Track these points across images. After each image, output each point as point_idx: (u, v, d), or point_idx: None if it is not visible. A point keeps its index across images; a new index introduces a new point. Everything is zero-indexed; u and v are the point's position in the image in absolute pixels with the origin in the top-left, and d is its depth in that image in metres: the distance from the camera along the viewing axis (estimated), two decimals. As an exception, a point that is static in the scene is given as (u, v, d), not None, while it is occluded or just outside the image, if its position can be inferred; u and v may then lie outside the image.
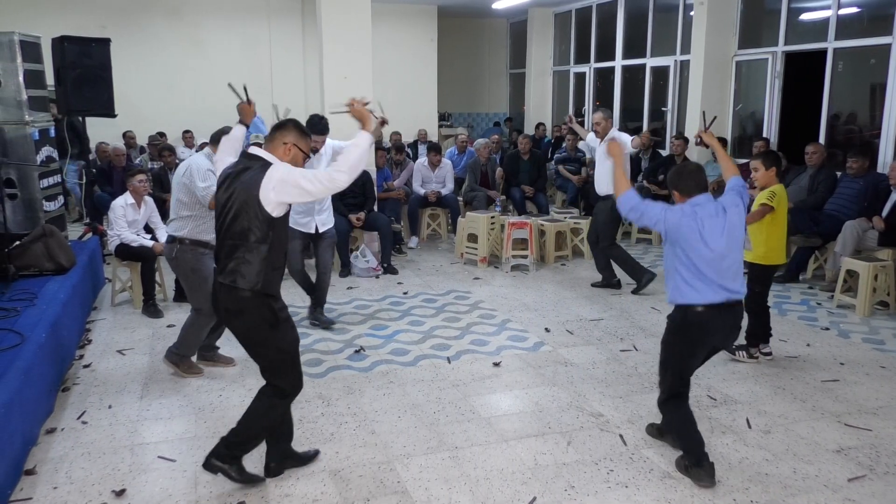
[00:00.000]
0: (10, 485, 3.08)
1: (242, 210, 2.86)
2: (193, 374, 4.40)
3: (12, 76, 5.72)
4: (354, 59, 7.17)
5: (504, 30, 15.49)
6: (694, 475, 3.20)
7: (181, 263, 4.27)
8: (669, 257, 3.24)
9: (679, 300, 3.20)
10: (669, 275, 3.25)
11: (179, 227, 4.22)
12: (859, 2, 7.94)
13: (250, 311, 2.94)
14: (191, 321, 4.33)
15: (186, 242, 4.20)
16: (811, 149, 6.89)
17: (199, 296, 4.24)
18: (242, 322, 2.98)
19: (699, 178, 3.25)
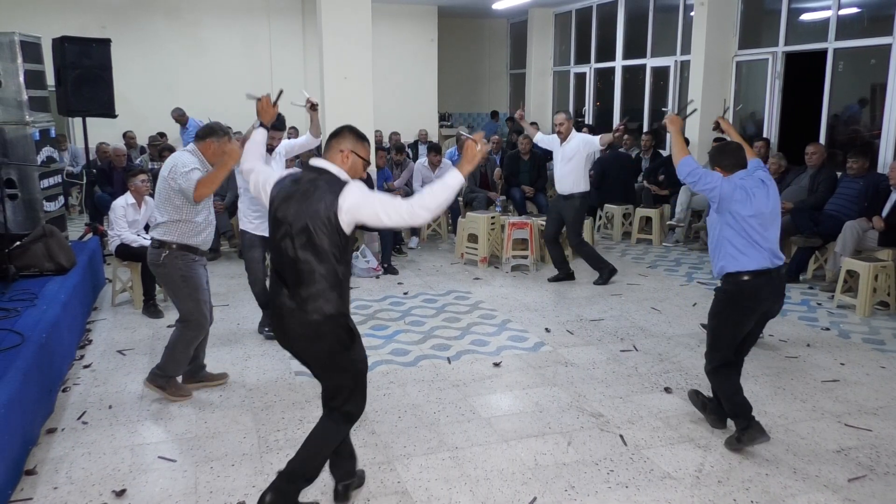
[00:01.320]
0: (11, 485, 3.08)
1: (319, 230, 2.61)
2: (182, 397, 4.04)
3: (13, 76, 5.73)
4: (354, 59, 7.18)
5: (504, 30, 15.50)
6: (748, 437, 3.41)
7: (170, 271, 3.89)
8: (718, 228, 3.41)
9: (731, 268, 3.36)
10: (719, 247, 3.41)
11: (167, 231, 3.87)
12: (859, 2, 7.94)
13: (328, 335, 2.71)
14: (178, 336, 3.97)
15: (174, 248, 3.86)
16: (811, 149, 6.89)
17: (188, 305, 3.93)
18: (320, 347, 2.73)
19: (740, 155, 3.49)
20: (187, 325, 3.97)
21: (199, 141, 3.91)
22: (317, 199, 2.63)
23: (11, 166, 5.67)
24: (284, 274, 2.71)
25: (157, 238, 3.91)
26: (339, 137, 2.80)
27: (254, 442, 3.59)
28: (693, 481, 3.22)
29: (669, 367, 4.60)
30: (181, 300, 3.95)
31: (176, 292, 3.96)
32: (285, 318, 2.73)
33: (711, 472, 3.30)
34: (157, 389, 4.01)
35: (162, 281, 4.06)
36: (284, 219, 2.69)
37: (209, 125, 4.01)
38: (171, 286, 3.97)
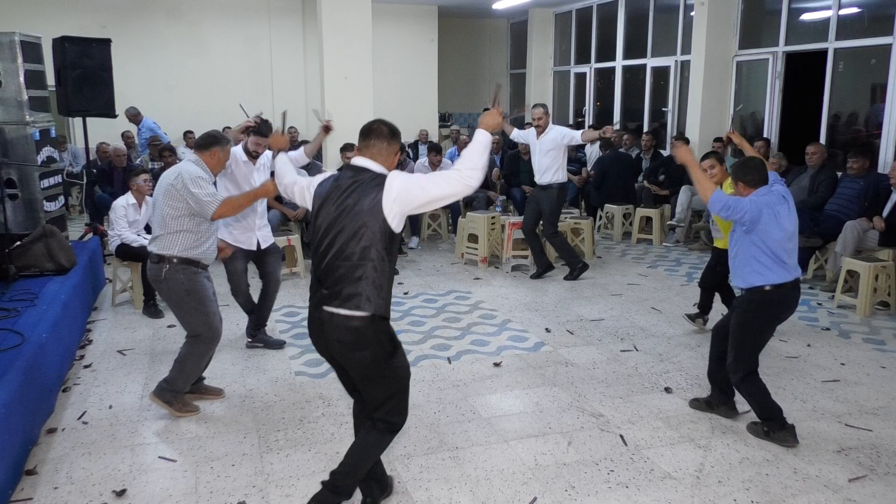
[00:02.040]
0: (11, 485, 3.08)
1: (362, 227, 2.57)
2: (189, 413, 3.87)
3: (13, 76, 5.73)
4: (354, 59, 7.19)
5: (504, 30, 15.49)
6: (779, 438, 3.55)
7: (173, 286, 3.69)
8: (744, 246, 3.53)
9: (759, 282, 3.51)
10: (744, 262, 3.54)
11: (168, 245, 3.65)
12: (859, 2, 7.94)
13: (370, 341, 2.63)
14: (188, 350, 3.80)
15: (175, 261, 3.65)
16: (812, 149, 6.89)
17: (196, 320, 3.75)
18: (363, 354, 2.64)
19: (763, 172, 3.58)
20: (197, 339, 3.79)
21: (202, 150, 3.73)
22: (361, 197, 2.59)
23: (11, 166, 5.67)
24: (325, 277, 2.64)
25: (155, 252, 3.68)
26: (375, 136, 2.73)
27: (254, 442, 3.59)
28: (693, 481, 3.22)
29: (669, 367, 4.60)
30: (188, 315, 3.75)
31: (181, 308, 3.73)
32: (325, 325, 2.65)
33: (711, 472, 3.30)
34: (164, 405, 3.82)
35: (165, 297, 3.78)
36: (327, 220, 2.65)
37: (212, 134, 3.82)
38: (175, 302, 3.73)
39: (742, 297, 3.64)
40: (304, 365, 4.64)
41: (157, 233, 3.70)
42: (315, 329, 2.72)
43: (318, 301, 2.67)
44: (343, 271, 2.60)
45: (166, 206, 3.63)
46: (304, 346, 4.96)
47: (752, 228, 3.46)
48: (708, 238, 7.93)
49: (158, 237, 3.68)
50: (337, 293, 2.61)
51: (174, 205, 3.61)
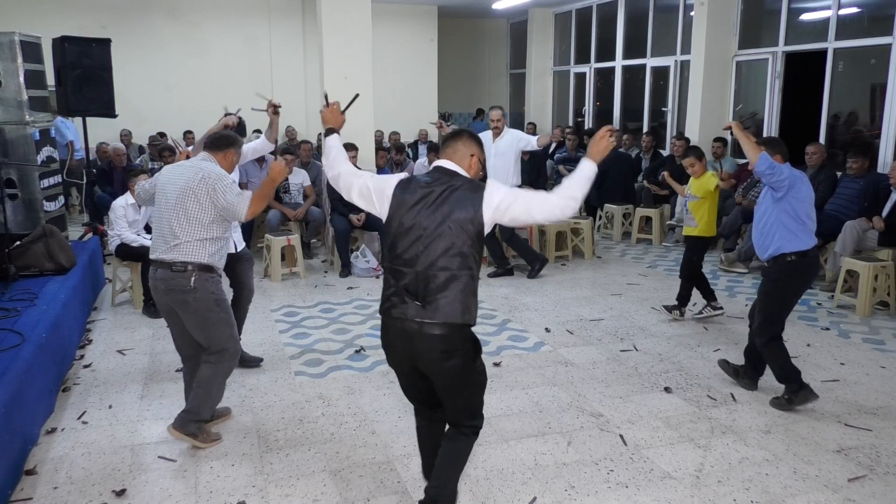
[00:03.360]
0: (11, 485, 3.08)
1: (462, 235, 2.49)
2: (214, 442, 3.54)
3: (13, 76, 5.73)
4: (354, 59, 7.18)
5: (504, 30, 15.50)
6: (801, 399, 3.87)
7: (202, 296, 3.32)
8: (774, 214, 3.85)
9: (790, 248, 3.82)
10: (773, 231, 3.85)
11: (195, 251, 3.31)
12: (859, 2, 7.94)
13: (460, 349, 2.56)
14: (213, 371, 3.43)
15: (204, 269, 3.34)
16: (811, 149, 6.89)
17: (224, 332, 3.42)
18: (454, 363, 2.56)
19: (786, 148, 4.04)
20: (223, 355, 3.44)
21: (217, 151, 3.47)
22: (457, 203, 2.51)
23: (11, 166, 5.67)
24: (418, 287, 2.52)
25: (180, 260, 3.31)
26: (465, 140, 2.69)
27: (254, 442, 3.59)
28: (693, 481, 3.22)
29: (669, 366, 4.60)
30: (215, 328, 3.39)
31: (209, 320, 3.37)
32: (415, 337, 2.53)
33: (711, 472, 3.30)
34: (188, 437, 3.45)
35: (189, 310, 3.35)
36: (418, 226, 2.52)
37: (228, 135, 3.56)
38: (202, 314, 3.36)
39: (771, 267, 3.92)
40: (304, 365, 4.64)
41: (177, 239, 3.30)
42: (400, 341, 2.59)
43: (405, 312, 2.54)
44: (440, 281, 2.50)
45: (192, 211, 3.29)
46: (303, 347, 4.96)
47: (787, 194, 3.80)
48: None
49: (181, 244, 3.30)
50: (433, 303, 2.50)
51: (201, 210, 3.30)
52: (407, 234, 2.54)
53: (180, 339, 3.57)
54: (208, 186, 3.28)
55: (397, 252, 2.56)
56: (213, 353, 3.43)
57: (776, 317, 3.91)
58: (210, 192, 3.28)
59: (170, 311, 3.45)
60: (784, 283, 3.89)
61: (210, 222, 3.33)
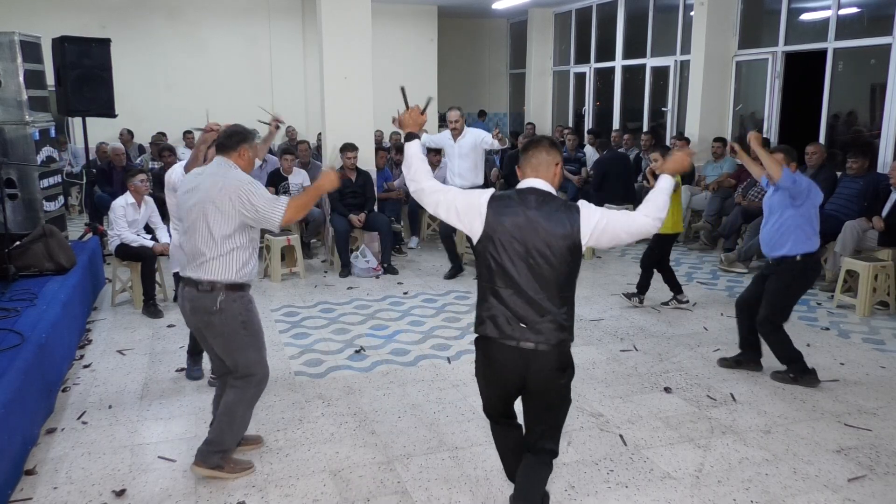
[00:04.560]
0: (11, 485, 3.08)
1: (566, 257, 2.48)
2: (245, 471, 3.28)
3: (13, 76, 5.73)
4: (354, 59, 7.18)
5: (504, 30, 15.49)
6: (805, 381, 4.23)
7: (227, 318, 3.08)
8: (790, 219, 4.13)
9: (803, 249, 4.15)
10: (789, 233, 4.13)
11: (221, 268, 3.05)
12: (859, 2, 7.94)
13: (567, 366, 2.61)
14: (238, 397, 3.19)
15: (231, 288, 3.08)
16: (811, 149, 6.88)
17: (251, 356, 3.18)
18: (563, 381, 2.60)
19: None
20: (249, 381, 3.20)
21: (228, 151, 3.14)
22: (555, 223, 2.47)
23: (11, 166, 5.67)
24: (526, 310, 2.50)
25: (206, 279, 3.06)
26: (548, 149, 2.60)
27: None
28: (693, 481, 3.22)
29: (669, 367, 4.60)
30: (240, 352, 3.15)
31: (233, 343, 3.14)
32: (530, 358, 2.52)
33: (711, 472, 3.30)
34: (212, 472, 3.20)
35: (214, 332, 3.13)
36: (521, 248, 2.47)
37: (236, 130, 3.22)
38: (226, 336, 3.13)
39: (780, 267, 4.22)
40: (304, 365, 4.64)
41: (203, 255, 3.06)
42: (511, 362, 2.55)
43: (511, 333, 2.51)
44: (548, 304, 2.49)
45: (214, 223, 3.02)
46: (303, 347, 4.96)
47: (805, 201, 4.09)
48: (707, 238, 7.94)
49: (207, 261, 3.05)
50: (542, 325, 2.50)
51: (224, 220, 3.02)
52: (506, 257, 2.50)
53: (213, 356, 3.36)
54: (230, 194, 2.99)
55: (499, 274, 2.52)
56: (239, 377, 3.20)
57: (784, 310, 4.25)
58: (234, 200, 2.98)
59: (197, 328, 3.23)
60: (795, 282, 4.23)
61: (234, 231, 3.04)
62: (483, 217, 2.52)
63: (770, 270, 4.32)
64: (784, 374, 4.32)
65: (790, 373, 4.27)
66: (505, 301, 2.52)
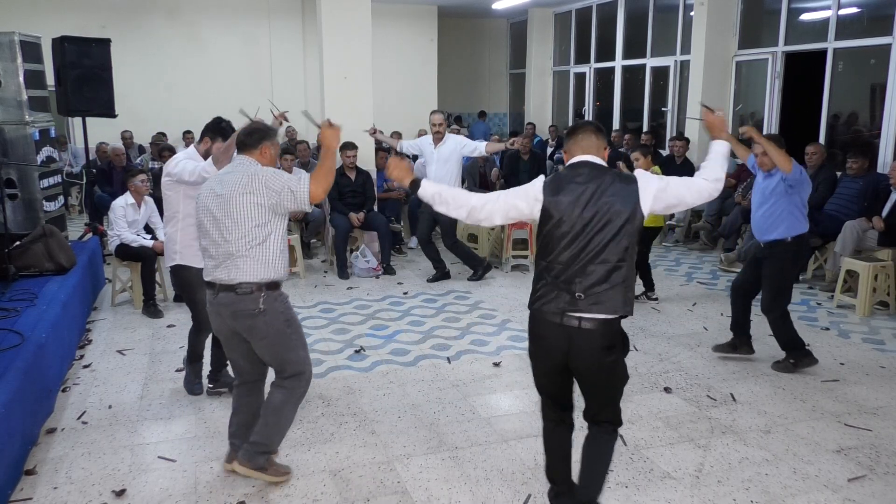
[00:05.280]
0: (11, 485, 3.08)
1: (624, 227, 2.50)
2: (284, 474, 3.22)
3: (12, 76, 5.73)
4: (354, 59, 7.18)
5: (504, 30, 15.49)
6: (805, 364, 4.44)
7: (272, 318, 2.97)
8: (783, 204, 4.29)
9: (797, 231, 4.32)
10: (783, 218, 4.29)
11: (259, 267, 2.94)
12: (859, 2, 7.94)
13: (618, 342, 2.60)
14: (286, 397, 3.09)
15: (271, 287, 2.99)
16: (811, 149, 6.88)
17: (298, 354, 3.09)
18: (613, 357, 2.60)
19: None
20: (298, 379, 3.10)
21: (250, 149, 3.04)
22: (615, 196, 2.51)
23: (11, 166, 5.67)
24: (576, 282, 2.51)
25: (245, 281, 2.93)
26: (597, 133, 2.66)
27: (254, 442, 3.59)
28: (693, 481, 3.23)
29: (669, 367, 4.60)
30: (288, 351, 3.06)
31: (280, 343, 3.03)
32: (575, 333, 2.54)
33: (711, 472, 3.30)
34: (257, 473, 3.14)
35: (259, 334, 2.99)
36: (578, 222, 2.51)
37: (257, 128, 3.14)
38: (271, 338, 3.01)
39: (773, 251, 4.36)
40: (304, 365, 4.64)
41: (233, 255, 2.93)
42: (555, 336, 2.59)
43: (563, 308, 2.54)
44: (601, 274, 2.50)
45: (244, 215, 2.91)
46: (303, 346, 4.96)
47: (801, 188, 4.27)
48: (707, 238, 7.94)
49: (240, 261, 2.93)
50: (593, 297, 2.51)
51: (257, 214, 2.92)
52: (565, 231, 2.53)
53: (245, 362, 3.18)
54: (259, 183, 2.91)
55: (554, 249, 2.56)
56: (288, 377, 3.08)
57: (784, 293, 4.42)
58: (261, 190, 2.90)
59: (232, 335, 3.08)
60: (789, 263, 4.39)
61: (266, 223, 2.93)
62: (541, 202, 2.58)
63: (763, 254, 4.45)
64: (784, 362, 4.47)
65: (790, 359, 4.44)
66: (561, 276, 2.54)
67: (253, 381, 3.24)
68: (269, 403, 3.13)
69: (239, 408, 3.25)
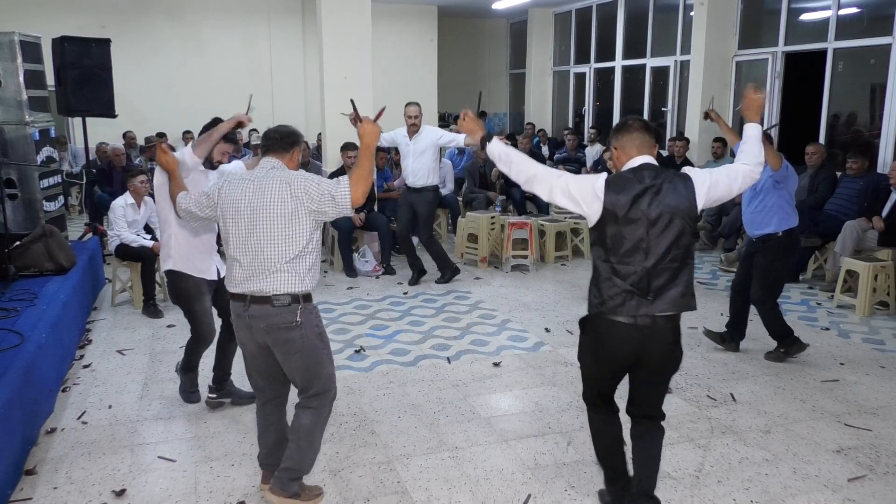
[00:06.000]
0: (11, 485, 3.08)
1: (685, 226, 2.56)
2: (318, 497, 3.06)
3: (12, 76, 5.73)
4: (354, 59, 7.18)
5: (504, 30, 15.50)
6: (794, 350, 4.60)
7: (308, 332, 2.81)
8: (772, 199, 4.42)
9: (787, 225, 4.45)
10: (773, 212, 4.43)
11: (296, 278, 2.78)
12: (859, 2, 7.94)
13: (680, 335, 2.69)
14: (314, 419, 2.93)
15: (307, 299, 2.84)
16: (811, 149, 6.89)
17: (329, 370, 2.93)
18: (679, 350, 2.69)
19: None
20: (325, 398, 2.93)
21: (283, 153, 2.88)
22: (675, 195, 2.56)
23: (11, 166, 5.67)
24: (642, 281, 2.56)
25: (282, 292, 2.76)
26: (649, 130, 2.70)
27: (254, 442, 3.57)
28: (693, 481, 3.23)
29: (669, 366, 4.59)
30: (320, 366, 2.88)
31: (312, 358, 2.85)
32: (647, 332, 2.59)
33: (711, 472, 3.30)
34: (291, 500, 2.96)
35: (293, 349, 2.81)
36: (640, 222, 2.54)
37: (292, 131, 2.96)
38: (306, 353, 2.83)
39: (764, 245, 4.50)
40: (304, 365, 4.64)
41: (267, 264, 2.75)
42: (629, 339, 2.62)
43: (636, 309, 2.57)
44: (670, 273, 2.56)
45: (280, 224, 2.74)
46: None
47: (787, 182, 4.42)
48: (707, 238, 7.94)
49: (275, 270, 2.75)
50: (665, 296, 2.57)
51: (295, 222, 2.75)
52: (630, 232, 2.56)
53: (266, 378, 2.99)
54: (297, 190, 2.73)
55: (620, 251, 2.58)
56: (315, 395, 2.91)
57: (775, 286, 4.58)
58: (303, 193, 2.73)
59: (260, 349, 2.89)
60: (780, 256, 4.52)
61: (305, 231, 2.76)
62: (601, 199, 2.57)
63: (755, 248, 4.59)
64: (776, 351, 4.64)
65: (780, 348, 4.62)
66: (630, 278, 2.57)
67: (275, 397, 3.06)
68: (298, 427, 2.93)
69: (266, 428, 3.08)
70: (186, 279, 3.67)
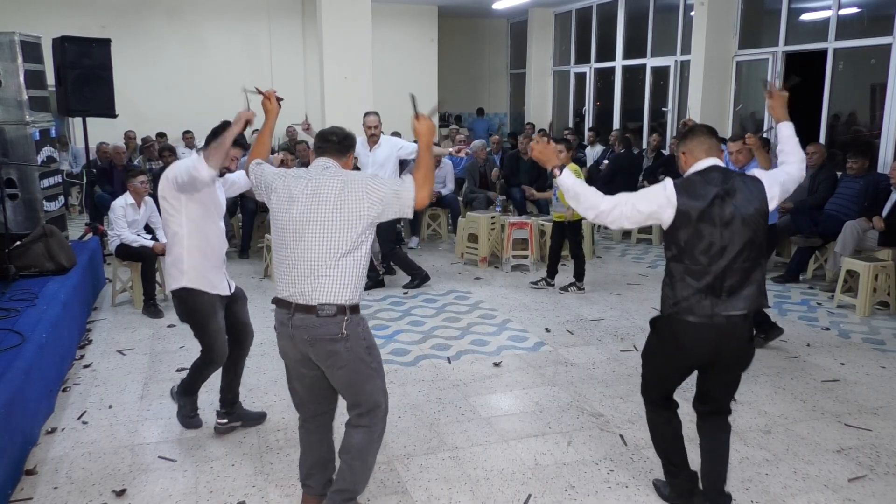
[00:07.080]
0: (11, 485, 3.08)
1: (755, 227, 2.62)
2: None
3: (13, 76, 5.73)
4: (354, 59, 7.19)
5: (504, 30, 15.50)
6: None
7: (354, 345, 2.65)
8: None
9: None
10: None
11: (342, 287, 2.62)
12: (859, 2, 7.94)
13: (753, 332, 2.80)
14: (367, 438, 2.74)
15: (355, 311, 2.69)
16: (811, 149, 6.87)
17: (377, 386, 2.74)
18: (753, 347, 2.80)
19: None
20: (376, 414, 2.75)
21: (340, 155, 2.78)
22: (747, 197, 2.63)
23: (11, 166, 5.67)
24: (717, 282, 2.61)
25: (329, 302, 2.60)
26: (715, 135, 2.79)
27: (254, 442, 3.59)
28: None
29: (669, 366, 4.60)
30: (369, 380, 2.71)
31: (359, 373, 2.68)
32: (724, 331, 2.65)
33: (711, 472, 3.30)
34: None
35: (339, 363, 2.65)
36: (715, 224, 2.59)
37: (348, 133, 2.89)
38: (353, 366, 2.66)
39: None
40: (304, 365, 4.64)
41: (315, 272, 2.60)
42: (704, 338, 2.67)
43: (711, 310, 2.62)
44: (743, 273, 2.62)
45: (340, 232, 2.60)
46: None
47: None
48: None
49: (323, 278, 2.60)
50: (739, 295, 2.62)
51: (352, 226, 2.60)
52: (704, 233, 2.61)
53: (313, 392, 2.84)
54: (359, 190, 2.60)
55: (694, 252, 2.63)
56: (365, 412, 2.72)
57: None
58: (365, 193, 2.60)
59: (302, 362, 2.74)
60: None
61: (354, 229, 2.60)
62: (675, 204, 2.63)
63: None
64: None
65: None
66: (705, 279, 2.62)
67: (321, 413, 2.90)
68: (349, 447, 2.75)
69: (309, 447, 2.90)
70: (201, 296, 3.43)
